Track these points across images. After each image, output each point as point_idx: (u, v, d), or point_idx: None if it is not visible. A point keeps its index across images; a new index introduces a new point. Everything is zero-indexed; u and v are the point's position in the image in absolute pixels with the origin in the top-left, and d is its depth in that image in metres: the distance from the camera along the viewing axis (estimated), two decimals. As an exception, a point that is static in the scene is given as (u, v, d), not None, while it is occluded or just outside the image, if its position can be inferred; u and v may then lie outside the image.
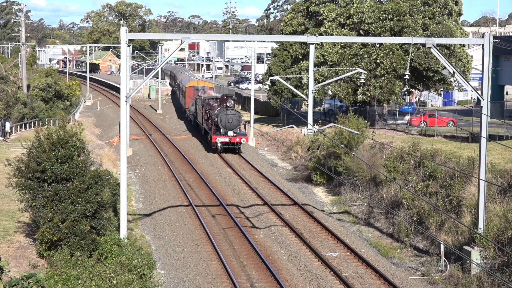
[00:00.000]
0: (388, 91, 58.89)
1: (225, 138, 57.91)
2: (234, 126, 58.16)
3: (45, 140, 29.02)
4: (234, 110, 58.75)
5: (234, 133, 58.07)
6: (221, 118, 57.77)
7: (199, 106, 67.13)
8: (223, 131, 58.01)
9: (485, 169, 30.80)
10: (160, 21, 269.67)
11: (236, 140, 58.25)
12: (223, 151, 58.82)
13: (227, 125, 57.97)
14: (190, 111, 76.77)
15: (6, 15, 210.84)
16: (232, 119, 57.82)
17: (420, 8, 59.23)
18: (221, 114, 57.76)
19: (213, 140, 58.26)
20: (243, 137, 58.86)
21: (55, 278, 23.19)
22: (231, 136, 57.94)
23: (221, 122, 57.81)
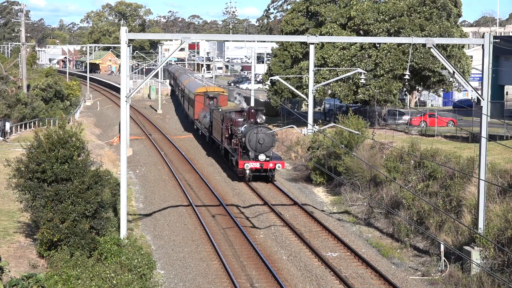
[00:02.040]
0: (386, 91, 58.88)
1: (255, 163, 47.01)
2: (267, 148, 47.35)
3: (44, 140, 29.02)
4: (265, 128, 48.13)
5: (266, 157, 47.13)
6: (250, 138, 47.15)
7: (217, 119, 56.08)
8: (253, 154, 47.25)
9: (485, 169, 30.80)
10: (160, 21, 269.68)
11: (269, 166, 47.24)
12: (252, 179, 48.00)
13: (258, 147, 47.27)
14: (202, 123, 65.56)
15: (7, 14, 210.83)
16: (264, 140, 47.05)
17: (418, 9, 59.22)
18: (250, 134, 47.18)
19: (240, 166, 47.00)
20: (278, 162, 47.56)
21: (55, 278, 23.20)
22: (263, 161, 47.08)
23: (249, 143, 47.17)
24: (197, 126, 70.20)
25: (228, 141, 51.95)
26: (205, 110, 65.95)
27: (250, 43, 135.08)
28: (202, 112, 67.16)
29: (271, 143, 47.66)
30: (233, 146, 49.99)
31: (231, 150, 50.54)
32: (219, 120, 54.37)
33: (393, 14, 59.09)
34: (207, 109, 65.03)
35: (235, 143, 49.59)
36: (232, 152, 49.95)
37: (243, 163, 46.95)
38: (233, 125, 50.69)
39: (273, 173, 47.82)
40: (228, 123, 51.74)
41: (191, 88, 76.59)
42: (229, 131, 51.82)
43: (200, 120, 67.48)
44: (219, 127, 54.78)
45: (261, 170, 47.35)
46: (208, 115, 62.31)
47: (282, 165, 47.60)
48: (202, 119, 65.60)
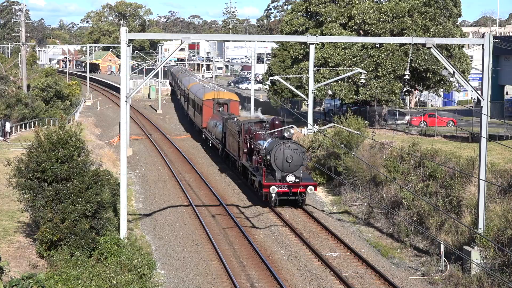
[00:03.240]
0: (388, 91, 58.92)
1: (283, 186, 40.14)
2: (296, 168, 40.42)
3: (45, 140, 29.03)
4: (294, 143, 41.00)
5: (296, 178, 40.25)
6: (276, 156, 40.20)
7: (232, 131, 49.50)
8: (279, 175, 40.36)
9: (485, 169, 30.80)
10: (160, 21, 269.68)
11: (300, 189, 40.31)
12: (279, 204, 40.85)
13: (285, 166, 40.29)
14: (213, 133, 58.86)
15: (7, 15, 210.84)
16: (292, 158, 40.16)
17: (421, 10, 59.25)
18: (276, 150, 40.30)
19: (266, 190, 39.89)
20: (309, 184, 40.55)
21: (55, 278, 23.20)
22: (292, 183, 40.19)
23: (275, 162, 40.27)
24: (205, 136, 63.04)
25: (247, 157, 45.87)
26: (215, 118, 59.75)
27: (250, 43, 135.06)
28: (212, 121, 60.59)
29: (301, 162, 40.45)
30: (254, 164, 43.02)
31: (251, 168, 43.70)
32: (235, 131, 47.95)
33: (395, 14, 59.11)
34: (218, 117, 58.87)
35: (256, 161, 42.69)
36: (253, 171, 43.03)
37: (269, 185, 39.72)
38: (253, 138, 44.67)
39: (303, 197, 40.78)
40: (246, 136, 45.71)
41: (198, 93, 69.90)
42: (248, 145, 45.67)
43: (209, 129, 60.98)
44: (235, 140, 48.35)
45: (289, 194, 40.38)
46: (219, 125, 55.74)
47: (314, 188, 40.44)
48: (212, 128, 59.23)
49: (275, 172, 40.46)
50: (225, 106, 63.93)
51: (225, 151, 53.32)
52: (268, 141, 42.36)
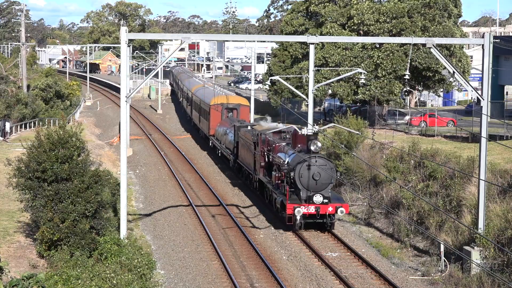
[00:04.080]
0: (388, 92, 58.94)
1: (309, 207, 35.07)
2: (324, 186, 35.49)
3: (45, 140, 29.04)
4: (322, 159, 35.87)
5: (324, 198, 35.31)
6: (301, 173, 35.26)
7: (246, 141, 44.95)
8: (305, 194, 35.38)
9: (485, 169, 30.81)
10: (160, 21, 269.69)
11: (328, 211, 35.37)
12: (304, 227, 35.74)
13: (312, 184, 35.31)
14: (223, 142, 54.19)
15: (8, 14, 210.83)
16: (320, 175, 35.20)
17: (420, 10, 59.25)
18: (301, 167, 35.34)
19: (289, 212, 34.88)
20: (339, 205, 35.61)
21: (55, 278, 23.19)
22: (320, 204, 35.22)
23: (300, 180, 35.30)
24: (213, 144, 58.45)
25: (265, 172, 41.11)
26: (224, 125, 55.43)
27: (250, 43, 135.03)
28: (220, 128, 56.07)
29: (330, 179, 35.49)
30: (275, 181, 37.85)
31: (271, 185, 38.60)
32: (250, 142, 43.45)
33: (394, 15, 59.13)
34: (227, 124, 54.61)
35: (277, 177, 37.59)
36: (273, 188, 38.07)
37: (293, 207, 34.77)
38: (272, 151, 40.00)
39: (333, 219, 35.96)
40: (264, 148, 40.85)
41: (204, 97, 64.70)
42: (266, 158, 40.87)
43: (218, 137, 56.22)
44: (249, 152, 43.79)
45: (316, 216, 35.54)
46: (230, 133, 51.74)
47: (346, 209, 35.60)
48: (222, 136, 54.61)
49: (300, 191, 35.33)
50: (235, 111, 59.46)
51: (237, 163, 48.48)
52: (291, 155, 37.01)
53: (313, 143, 35.66)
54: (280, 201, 36.38)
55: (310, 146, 35.61)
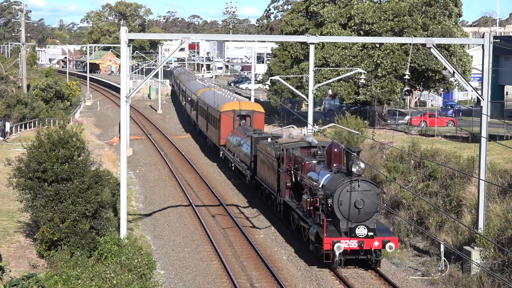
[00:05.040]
0: (388, 91, 58.97)
1: (351, 241, 29.40)
2: (368, 216, 29.70)
3: (45, 140, 29.05)
4: (366, 183, 29.92)
5: (368, 230, 29.55)
6: (340, 200, 29.55)
7: (266, 155, 39.24)
8: (345, 225, 29.69)
9: (485, 169, 30.81)
10: (160, 21, 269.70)
11: (374, 246, 29.54)
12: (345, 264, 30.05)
13: (354, 214, 29.58)
14: (236, 154, 48.94)
15: (8, 14, 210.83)
16: (363, 202, 29.45)
17: (421, 9, 59.28)
18: (341, 192, 29.59)
19: (327, 247, 29.23)
20: (387, 238, 29.70)
21: (55, 278, 23.19)
22: (363, 238, 29.44)
23: (340, 208, 29.61)
24: (225, 156, 53.07)
25: (291, 193, 35.40)
26: (237, 134, 50.50)
27: (250, 43, 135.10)
28: (233, 137, 50.94)
29: (375, 208, 29.76)
30: (306, 206, 31.76)
31: (301, 212, 32.61)
32: (273, 157, 37.63)
33: (396, 13, 59.16)
34: (241, 133, 49.87)
35: (309, 202, 31.49)
36: (304, 216, 31.97)
37: (331, 241, 29.10)
38: (302, 169, 34.23)
39: (378, 256, 29.95)
40: (291, 166, 35.21)
41: (212, 102, 59.09)
42: (293, 177, 35.21)
43: (230, 148, 51.19)
44: (272, 169, 38.12)
45: (359, 252, 29.66)
46: (245, 144, 46.71)
47: (395, 244, 29.74)
48: (235, 147, 49.40)
49: (339, 221, 29.68)
50: (248, 118, 54.28)
51: (255, 180, 42.91)
52: (326, 176, 31.26)
53: (355, 164, 29.53)
54: (314, 232, 30.20)
55: (351, 167, 29.58)
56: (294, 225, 34.95)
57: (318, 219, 30.60)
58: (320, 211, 30.54)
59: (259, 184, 41.94)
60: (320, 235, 29.72)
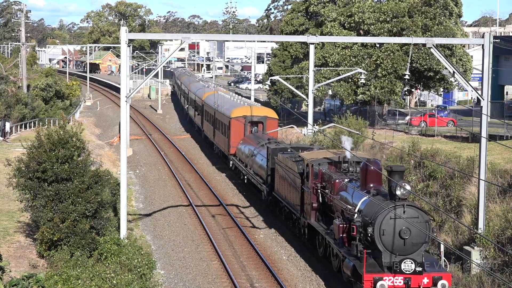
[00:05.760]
0: (388, 91, 58.99)
1: (396, 278, 24.81)
2: (415, 248, 25.17)
3: (45, 140, 29.05)
4: (413, 208, 25.22)
5: (416, 264, 24.91)
6: (382, 230, 24.93)
7: (287, 170, 34.66)
8: (389, 258, 25.05)
9: (485, 169, 30.80)
10: (160, 21, 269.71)
11: (423, 283, 24.91)
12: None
13: (399, 245, 25.00)
14: (249, 165, 44.47)
15: (7, 14, 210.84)
16: (410, 232, 24.85)
17: (421, 9, 59.28)
18: (383, 220, 24.94)
19: (367, 284, 24.68)
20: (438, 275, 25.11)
21: (55, 278, 23.20)
22: (410, 274, 24.85)
23: (382, 239, 24.98)
24: (235, 166, 49.03)
25: (318, 215, 31.09)
26: (249, 143, 46.62)
27: (250, 43, 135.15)
28: (244, 146, 47.04)
29: (424, 238, 25.15)
30: (338, 233, 27.25)
31: (332, 239, 28.21)
32: (295, 173, 33.34)
33: (395, 14, 59.18)
34: (253, 142, 45.95)
35: (342, 228, 27.07)
36: (337, 244, 27.45)
37: (372, 278, 24.62)
38: (331, 189, 29.67)
39: None
40: (317, 184, 30.68)
41: (221, 107, 55.42)
42: (320, 197, 30.67)
43: (241, 158, 47.00)
44: (294, 186, 33.67)
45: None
46: (259, 155, 42.53)
47: (448, 282, 25.09)
48: (247, 158, 45.17)
49: (381, 254, 25.10)
50: (260, 125, 50.33)
51: (273, 196, 38.41)
52: (362, 198, 26.66)
53: (400, 186, 24.85)
54: (351, 266, 25.63)
55: (395, 190, 24.81)
56: (321, 252, 30.81)
57: (355, 250, 25.76)
58: (358, 240, 25.73)
59: (277, 201, 37.51)
60: (359, 270, 24.96)
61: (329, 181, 30.01)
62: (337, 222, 27.42)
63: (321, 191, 30.44)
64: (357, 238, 25.72)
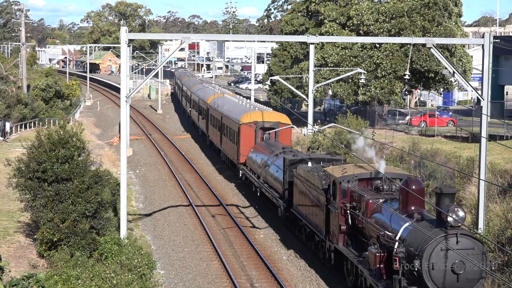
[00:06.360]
0: (388, 92, 59.01)
1: None
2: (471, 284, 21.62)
3: (45, 140, 29.06)
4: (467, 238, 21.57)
5: None
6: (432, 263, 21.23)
7: (308, 185, 31.14)
8: None
9: (485, 169, 30.80)
10: (160, 21, 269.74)
11: None
12: None
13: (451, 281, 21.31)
14: (262, 176, 40.87)
15: (6, 14, 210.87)
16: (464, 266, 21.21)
17: (420, 11, 59.29)
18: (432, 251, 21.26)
19: None
20: None
21: (55, 278, 23.21)
22: None
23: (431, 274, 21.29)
24: (245, 175, 45.68)
25: (346, 239, 27.31)
26: (261, 151, 43.30)
27: (250, 43, 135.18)
28: (256, 155, 43.39)
29: (480, 273, 21.63)
30: (374, 264, 23.28)
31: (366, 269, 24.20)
32: (318, 189, 29.82)
33: (393, 14, 59.21)
34: (265, 150, 42.78)
35: (379, 258, 23.21)
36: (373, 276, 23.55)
37: None
38: (362, 209, 26.15)
39: None
40: (346, 204, 26.98)
41: (229, 111, 52.16)
42: (349, 219, 26.99)
43: (253, 168, 43.45)
44: (317, 204, 30.09)
45: None
46: (273, 165, 39.12)
47: None
48: (260, 168, 41.45)
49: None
50: (272, 132, 46.84)
51: (291, 213, 34.71)
52: (405, 225, 22.87)
53: (452, 210, 21.24)
54: None
55: (446, 216, 21.23)
56: (350, 281, 26.95)
57: (397, 286, 22.08)
58: (401, 275, 22.03)
59: (296, 218, 33.90)
60: None
61: (360, 200, 26.33)
62: (373, 250, 23.52)
63: (351, 212, 26.75)
64: (400, 272, 22.00)
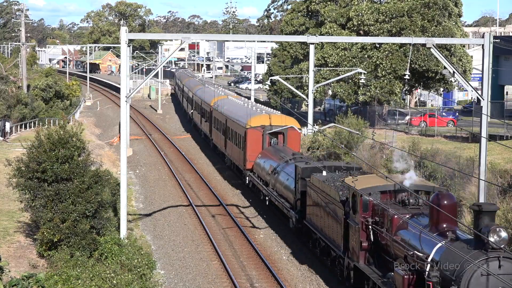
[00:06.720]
0: (388, 92, 59.01)
1: None
2: None
3: (45, 140, 29.06)
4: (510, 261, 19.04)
5: None
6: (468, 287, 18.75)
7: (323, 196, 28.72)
8: None
9: (485, 169, 30.80)
10: (160, 21, 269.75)
11: None
12: None
13: None
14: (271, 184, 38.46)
15: (6, 14, 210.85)
16: None
17: (420, 10, 59.30)
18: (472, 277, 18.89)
19: None
20: None
21: (55, 278, 23.21)
22: None
23: None
24: (252, 182, 43.56)
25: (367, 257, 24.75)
26: (268, 156, 41.13)
27: (250, 43, 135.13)
28: (264, 161, 41.15)
29: None
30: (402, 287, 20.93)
31: None
32: (335, 201, 27.39)
33: (393, 14, 59.22)
34: (273, 155, 40.56)
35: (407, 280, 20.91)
36: None
37: None
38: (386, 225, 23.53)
39: None
40: (368, 219, 24.49)
41: (235, 114, 49.99)
42: (371, 235, 24.39)
43: (260, 174, 41.26)
44: (334, 217, 27.60)
45: None
46: (283, 172, 36.88)
47: None
48: (268, 175, 39.17)
49: None
50: (280, 136, 44.55)
51: (303, 224, 32.35)
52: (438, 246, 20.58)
53: (493, 231, 19.24)
54: None
55: (488, 236, 19.23)
56: None
57: None
58: None
59: (310, 231, 31.47)
60: None
61: (383, 215, 23.78)
62: (400, 272, 21.15)
63: (373, 228, 24.21)
64: None
